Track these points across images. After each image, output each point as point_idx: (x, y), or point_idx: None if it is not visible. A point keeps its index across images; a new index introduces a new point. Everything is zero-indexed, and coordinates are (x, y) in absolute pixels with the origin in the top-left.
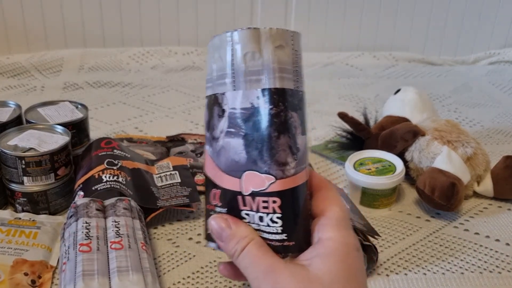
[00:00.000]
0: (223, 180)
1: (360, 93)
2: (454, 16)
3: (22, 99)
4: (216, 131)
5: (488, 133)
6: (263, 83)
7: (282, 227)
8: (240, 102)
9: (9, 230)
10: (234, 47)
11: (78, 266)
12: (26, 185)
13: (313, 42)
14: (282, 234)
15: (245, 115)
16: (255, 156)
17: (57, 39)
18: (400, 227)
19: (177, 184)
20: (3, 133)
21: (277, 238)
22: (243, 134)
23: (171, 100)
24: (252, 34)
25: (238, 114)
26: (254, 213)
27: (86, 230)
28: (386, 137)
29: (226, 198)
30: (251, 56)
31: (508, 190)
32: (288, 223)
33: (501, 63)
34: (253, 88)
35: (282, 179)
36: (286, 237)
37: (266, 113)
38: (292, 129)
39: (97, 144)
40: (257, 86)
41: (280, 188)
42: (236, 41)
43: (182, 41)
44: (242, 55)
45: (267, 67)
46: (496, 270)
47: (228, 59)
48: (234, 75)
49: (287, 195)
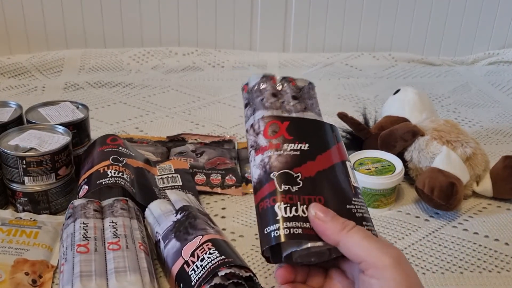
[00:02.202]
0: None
1: (359, 93)
2: (454, 16)
3: (23, 99)
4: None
5: (487, 133)
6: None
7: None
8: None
9: (10, 230)
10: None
11: (75, 267)
12: (27, 185)
13: (313, 42)
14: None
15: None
16: None
17: (57, 39)
18: (399, 226)
19: (179, 187)
20: (4, 133)
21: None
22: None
23: (171, 100)
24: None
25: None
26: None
27: (83, 231)
28: (385, 137)
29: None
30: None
31: (507, 190)
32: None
33: (500, 63)
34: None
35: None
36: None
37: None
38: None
39: (102, 140)
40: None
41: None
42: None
43: (182, 41)
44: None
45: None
46: (495, 270)
47: None
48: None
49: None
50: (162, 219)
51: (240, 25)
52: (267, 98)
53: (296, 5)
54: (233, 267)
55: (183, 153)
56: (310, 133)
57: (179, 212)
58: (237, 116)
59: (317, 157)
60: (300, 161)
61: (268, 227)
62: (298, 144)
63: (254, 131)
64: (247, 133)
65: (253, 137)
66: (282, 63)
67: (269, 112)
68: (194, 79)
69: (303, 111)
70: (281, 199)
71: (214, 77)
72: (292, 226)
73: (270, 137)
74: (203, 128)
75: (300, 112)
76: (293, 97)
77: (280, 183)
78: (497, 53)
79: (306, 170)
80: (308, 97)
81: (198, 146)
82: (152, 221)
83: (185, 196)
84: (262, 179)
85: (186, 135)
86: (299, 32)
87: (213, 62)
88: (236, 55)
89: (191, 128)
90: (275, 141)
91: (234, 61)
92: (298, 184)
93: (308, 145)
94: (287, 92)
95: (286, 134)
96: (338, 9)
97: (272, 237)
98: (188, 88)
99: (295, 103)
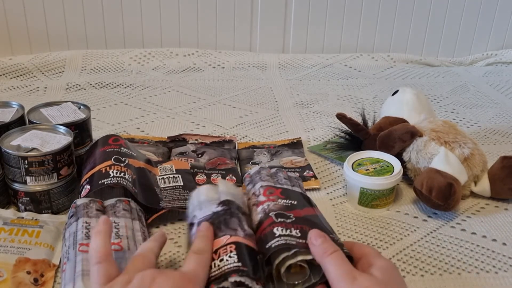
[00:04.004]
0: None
1: (358, 94)
2: (452, 17)
3: (25, 99)
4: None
5: (485, 133)
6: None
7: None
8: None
9: (12, 229)
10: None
11: (77, 266)
12: (29, 184)
13: (312, 43)
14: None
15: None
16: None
17: (59, 40)
18: (398, 227)
19: (180, 187)
20: (6, 133)
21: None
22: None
23: (172, 100)
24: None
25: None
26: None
27: (86, 230)
28: (384, 138)
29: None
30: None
31: (505, 190)
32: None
33: (498, 64)
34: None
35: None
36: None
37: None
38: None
39: (104, 140)
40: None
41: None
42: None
43: (183, 42)
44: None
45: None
46: (492, 270)
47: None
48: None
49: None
50: (204, 205)
51: (240, 26)
52: (264, 176)
53: (295, 6)
54: (245, 276)
55: (184, 153)
56: (296, 197)
57: (221, 204)
58: (237, 116)
59: (304, 208)
60: (291, 208)
61: (269, 243)
62: (289, 200)
63: (255, 195)
64: (248, 199)
65: (255, 199)
66: (282, 64)
67: (266, 183)
68: (195, 79)
69: (292, 186)
70: (278, 225)
71: (214, 78)
72: (288, 239)
73: (268, 195)
74: (203, 128)
75: (289, 186)
76: (284, 177)
77: (277, 217)
78: (495, 54)
79: (296, 213)
80: (296, 180)
81: (198, 146)
82: (195, 202)
83: (232, 190)
84: (262, 219)
85: (187, 136)
86: (299, 33)
87: (214, 63)
88: (236, 56)
89: (192, 129)
90: (272, 197)
91: (234, 62)
92: (291, 219)
93: (296, 202)
94: (280, 176)
95: (280, 195)
96: (337, 11)
97: (272, 247)
98: (189, 89)
99: (285, 181)
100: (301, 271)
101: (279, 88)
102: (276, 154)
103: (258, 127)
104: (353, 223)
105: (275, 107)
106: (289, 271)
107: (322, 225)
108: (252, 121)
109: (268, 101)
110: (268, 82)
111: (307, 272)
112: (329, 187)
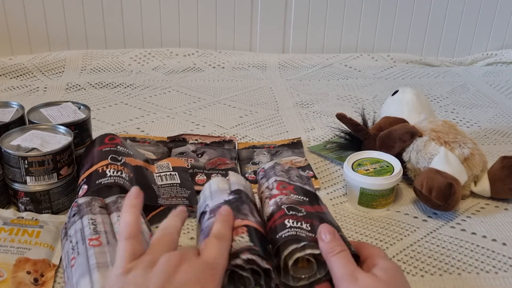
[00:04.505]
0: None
1: (358, 94)
2: (452, 17)
3: (24, 99)
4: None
5: (485, 133)
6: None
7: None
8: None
9: (12, 229)
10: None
11: (91, 259)
12: (29, 184)
13: (312, 43)
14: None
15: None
16: None
17: (59, 40)
18: (397, 227)
19: (177, 185)
20: (6, 133)
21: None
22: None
23: (172, 100)
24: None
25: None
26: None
27: (93, 226)
28: (384, 138)
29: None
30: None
31: (505, 190)
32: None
33: (498, 64)
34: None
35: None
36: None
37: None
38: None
39: (100, 139)
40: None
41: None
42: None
43: (183, 42)
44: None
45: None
46: (492, 271)
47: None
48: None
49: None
50: (216, 195)
51: (240, 26)
52: (278, 171)
53: (295, 6)
54: (256, 255)
55: (184, 153)
56: (308, 194)
57: (232, 193)
58: (237, 116)
59: (314, 206)
60: (302, 203)
61: (279, 233)
62: (301, 197)
63: (269, 188)
64: (261, 193)
65: (268, 192)
66: (282, 64)
67: (280, 178)
68: (195, 79)
69: (303, 185)
70: (290, 217)
71: (214, 78)
72: (298, 231)
73: (281, 189)
74: (203, 128)
75: (300, 184)
76: (296, 175)
77: (289, 210)
78: (495, 54)
79: (307, 208)
80: (307, 179)
81: (198, 147)
82: (207, 193)
83: (243, 182)
84: (274, 211)
85: (186, 136)
86: (299, 33)
87: (214, 63)
88: (236, 56)
89: (192, 129)
90: (285, 191)
91: (234, 62)
92: (303, 213)
93: (308, 199)
94: (292, 173)
95: (293, 190)
96: (337, 11)
97: (282, 237)
98: (189, 89)
99: (297, 179)
100: (308, 266)
101: (279, 88)
102: (276, 154)
103: (258, 127)
104: (353, 223)
105: (275, 107)
106: (296, 265)
107: (331, 223)
108: (252, 121)
109: (268, 101)
110: (268, 82)
111: (314, 267)
112: (329, 187)
